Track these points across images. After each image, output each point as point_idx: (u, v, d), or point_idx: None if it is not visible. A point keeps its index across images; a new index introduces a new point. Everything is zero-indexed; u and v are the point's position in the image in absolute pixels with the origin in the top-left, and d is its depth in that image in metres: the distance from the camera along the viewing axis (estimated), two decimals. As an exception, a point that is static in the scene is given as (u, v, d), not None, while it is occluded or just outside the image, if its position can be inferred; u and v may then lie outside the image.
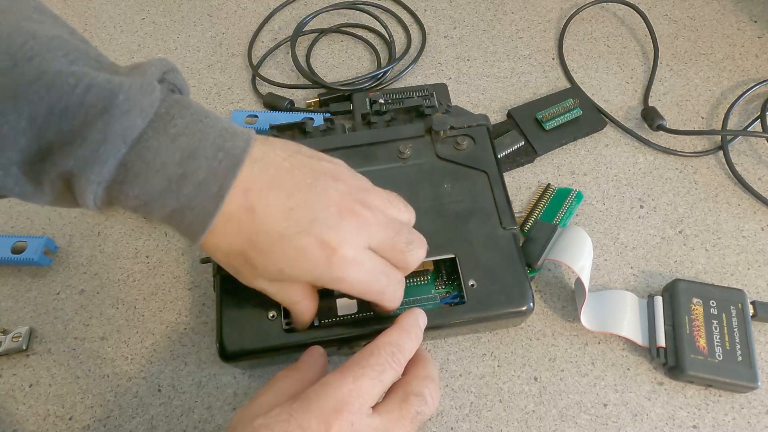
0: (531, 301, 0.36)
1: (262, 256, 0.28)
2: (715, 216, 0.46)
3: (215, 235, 0.28)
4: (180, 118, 0.27)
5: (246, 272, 0.30)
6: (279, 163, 0.29)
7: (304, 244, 0.28)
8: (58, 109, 0.24)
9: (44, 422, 0.38)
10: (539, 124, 0.49)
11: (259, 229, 0.28)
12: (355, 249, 0.29)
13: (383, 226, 0.30)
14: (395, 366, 0.29)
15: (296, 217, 0.28)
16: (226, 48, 0.58)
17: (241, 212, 0.27)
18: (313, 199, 0.29)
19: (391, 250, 0.31)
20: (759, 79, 0.53)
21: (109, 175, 0.25)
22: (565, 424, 0.37)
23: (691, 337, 0.38)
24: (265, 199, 0.28)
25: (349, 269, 0.29)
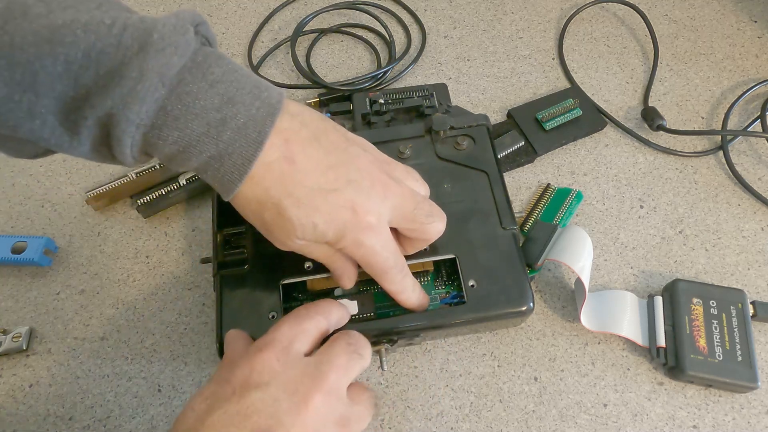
0: (531, 301, 0.36)
1: (298, 208, 0.28)
2: (715, 216, 0.46)
3: (252, 184, 0.28)
4: (217, 67, 0.26)
5: (278, 228, 0.29)
6: (315, 122, 0.29)
7: (339, 202, 0.29)
8: (95, 52, 0.24)
9: (44, 422, 0.38)
10: (539, 124, 0.49)
11: (299, 179, 0.28)
12: (378, 218, 0.30)
13: (406, 198, 0.31)
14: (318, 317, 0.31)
15: (335, 175, 0.29)
16: (226, 48, 0.58)
17: (281, 161, 0.27)
18: (348, 161, 0.30)
19: (412, 222, 0.32)
20: (759, 79, 0.53)
21: (148, 117, 0.25)
22: (565, 424, 0.37)
23: (691, 337, 0.38)
24: (305, 151, 0.28)
25: (370, 235, 0.30)
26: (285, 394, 0.27)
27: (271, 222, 0.29)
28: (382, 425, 0.38)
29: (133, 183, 0.46)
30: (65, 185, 0.49)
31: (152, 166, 0.46)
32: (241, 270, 0.37)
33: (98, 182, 0.48)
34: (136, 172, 0.46)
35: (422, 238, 0.33)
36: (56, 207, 0.47)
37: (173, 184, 0.45)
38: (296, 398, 0.27)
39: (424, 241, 0.34)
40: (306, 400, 0.27)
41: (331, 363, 0.29)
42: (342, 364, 0.29)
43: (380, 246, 0.31)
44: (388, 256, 0.31)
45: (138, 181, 0.46)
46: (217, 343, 0.35)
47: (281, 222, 0.29)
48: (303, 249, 0.31)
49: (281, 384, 0.27)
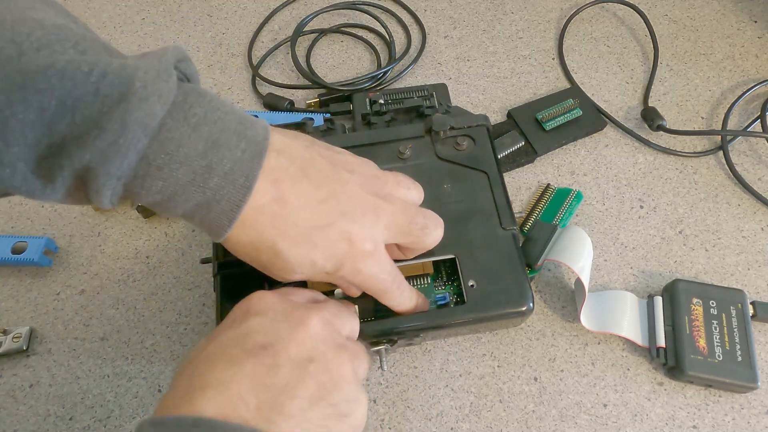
0: (531, 301, 0.36)
1: (295, 248, 0.28)
2: (715, 216, 0.46)
3: (244, 228, 0.27)
4: (198, 107, 0.26)
5: (277, 268, 0.29)
6: (300, 153, 0.29)
7: (335, 236, 0.29)
8: (71, 100, 0.23)
9: (44, 422, 0.38)
10: (539, 124, 0.49)
11: (292, 221, 0.28)
12: (374, 243, 0.30)
13: (398, 215, 0.31)
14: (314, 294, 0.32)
15: (327, 209, 0.29)
16: (226, 48, 0.58)
17: (272, 204, 0.27)
18: (339, 191, 0.29)
19: (408, 236, 0.32)
20: (759, 79, 0.53)
21: (130, 169, 0.24)
22: (565, 424, 0.37)
23: (691, 338, 0.38)
24: (295, 189, 0.28)
25: (368, 262, 0.30)
26: (283, 317, 0.27)
27: (269, 263, 0.29)
28: (382, 425, 0.38)
29: (133, 183, 0.46)
30: (65, 185, 0.49)
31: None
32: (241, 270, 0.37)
33: (98, 182, 0.48)
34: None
35: (420, 248, 0.34)
36: (56, 207, 0.47)
37: (173, 185, 0.45)
38: (294, 320, 0.27)
39: (422, 250, 0.34)
40: (304, 321, 0.27)
41: (325, 304, 0.30)
42: (335, 308, 0.30)
43: (377, 270, 0.31)
44: (385, 277, 0.31)
45: (138, 181, 0.46)
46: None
47: (279, 263, 0.29)
48: (304, 278, 0.31)
49: (279, 312, 0.28)
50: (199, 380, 0.25)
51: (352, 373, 0.27)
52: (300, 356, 0.26)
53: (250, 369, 0.25)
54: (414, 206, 0.33)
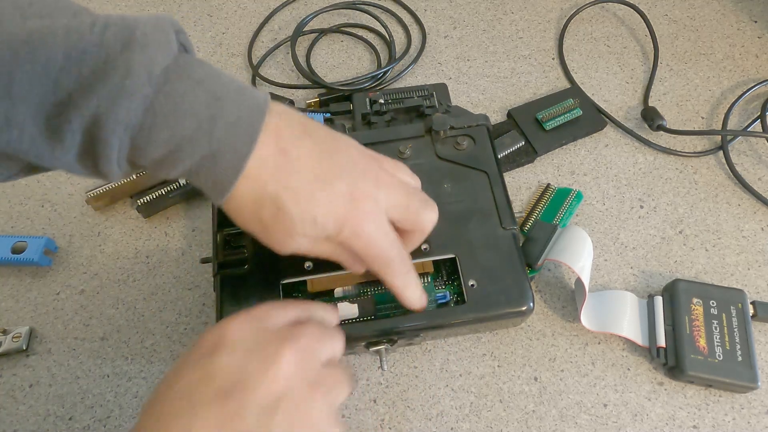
0: (531, 301, 0.36)
1: (298, 202, 0.27)
2: (715, 216, 0.46)
3: (248, 181, 0.27)
4: (200, 68, 0.26)
5: (278, 226, 0.28)
6: (301, 119, 0.29)
7: (336, 192, 0.28)
8: (77, 52, 0.23)
9: (44, 422, 0.38)
10: (539, 124, 0.49)
11: (295, 171, 0.27)
12: (376, 204, 0.29)
13: (397, 187, 0.31)
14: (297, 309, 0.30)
15: (329, 164, 0.28)
16: (226, 48, 0.58)
17: (276, 155, 0.27)
18: (340, 150, 0.29)
19: (406, 211, 0.31)
20: (759, 79, 0.53)
21: (136, 117, 0.24)
22: (565, 424, 0.37)
23: (691, 337, 0.38)
24: (297, 143, 0.28)
25: (369, 222, 0.29)
26: (254, 352, 0.26)
27: (270, 221, 0.28)
28: (382, 425, 0.38)
29: (133, 183, 0.46)
30: (65, 185, 0.49)
31: (152, 166, 0.46)
32: (241, 270, 0.37)
33: (98, 182, 0.48)
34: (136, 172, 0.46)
35: (417, 229, 0.33)
36: (56, 207, 0.47)
37: (173, 184, 0.45)
38: (265, 356, 0.26)
39: (420, 233, 0.33)
40: (276, 356, 0.26)
41: (303, 329, 0.28)
42: (315, 333, 0.28)
43: (381, 234, 0.30)
44: (389, 245, 0.30)
45: (138, 181, 0.46)
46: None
47: (281, 219, 0.28)
48: (303, 248, 0.30)
49: (251, 345, 0.26)
50: (164, 425, 0.24)
51: (324, 412, 0.26)
52: (268, 400, 0.25)
53: (215, 415, 0.24)
54: (412, 186, 0.33)
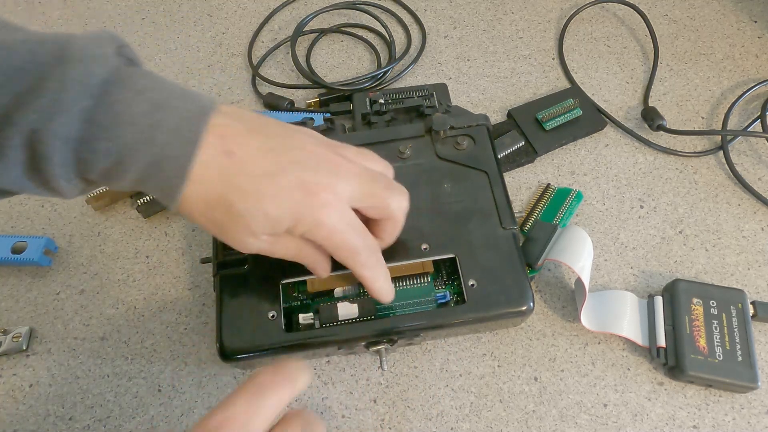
0: (531, 301, 0.36)
1: (245, 199, 0.27)
2: (715, 216, 0.46)
3: (195, 185, 0.27)
4: (143, 79, 0.26)
5: (232, 226, 0.28)
6: (252, 117, 0.29)
7: (286, 183, 0.27)
8: (10, 69, 0.23)
9: (44, 422, 0.38)
10: (539, 124, 0.49)
11: (241, 170, 0.27)
12: (334, 194, 0.29)
13: (359, 173, 0.30)
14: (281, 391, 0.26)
15: (277, 157, 0.28)
16: (226, 48, 0.58)
17: (220, 156, 0.27)
18: (292, 144, 0.29)
19: (371, 197, 0.31)
20: (759, 79, 0.53)
21: (76, 130, 0.24)
22: (565, 424, 0.37)
23: (691, 337, 0.38)
24: (243, 142, 0.27)
25: (329, 213, 0.28)
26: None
27: (223, 221, 0.28)
28: (382, 425, 0.38)
29: (133, 183, 0.46)
30: (65, 185, 0.49)
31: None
32: (241, 270, 0.37)
33: (98, 182, 0.48)
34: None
35: (388, 217, 0.32)
36: (56, 207, 0.47)
37: (173, 184, 0.45)
38: None
39: (392, 221, 0.32)
40: None
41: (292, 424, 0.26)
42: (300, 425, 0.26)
43: (343, 223, 0.29)
44: (353, 234, 0.30)
45: (138, 181, 0.46)
46: (217, 343, 0.35)
47: (233, 218, 0.28)
48: (266, 247, 0.30)
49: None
50: None
51: None
52: None
53: None
54: (377, 172, 0.32)
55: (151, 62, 0.57)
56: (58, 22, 0.60)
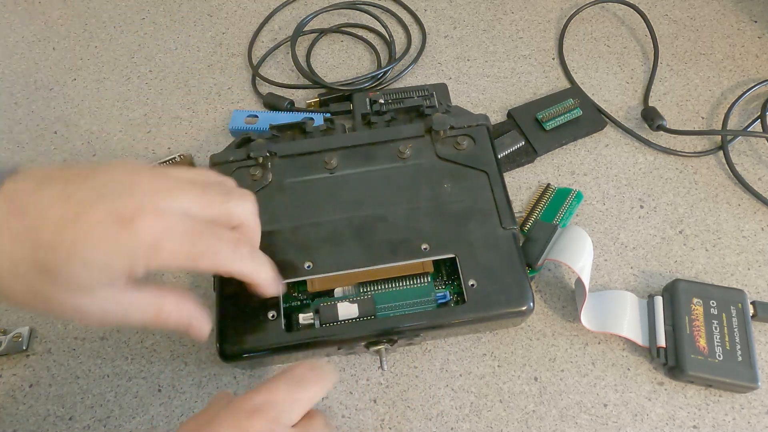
0: (531, 301, 0.36)
1: (55, 253, 0.23)
2: (715, 216, 0.46)
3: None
4: None
5: (56, 291, 0.24)
6: (48, 169, 0.26)
7: (95, 220, 0.24)
8: None
9: (44, 422, 0.38)
10: (539, 124, 0.49)
11: (38, 225, 0.23)
12: (158, 212, 0.25)
13: (186, 185, 0.27)
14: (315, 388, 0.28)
15: (77, 199, 0.24)
16: (226, 48, 0.58)
17: (9, 219, 0.23)
18: (93, 182, 0.25)
19: (209, 207, 0.27)
20: (759, 79, 0.53)
21: None
22: (565, 424, 0.37)
23: (691, 337, 0.38)
24: (36, 196, 0.24)
25: (160, 235, 0.24)
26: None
27: (43, 289, 0.24)
28: (382, 425, 0.38)
29: (133, 183, 0.46)
30: (65, 185, 0.49)
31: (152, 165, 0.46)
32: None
33: (98, 182, 0.48)
34: (136, 172, 0.46)
35: (236, 224, 0.29)
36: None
37: (173, 184, 0.45)
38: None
39: (245, 227, 0.29)
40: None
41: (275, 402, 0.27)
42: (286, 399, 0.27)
43: (180, 236, 0.25)
44: (201, 238, 0.26)
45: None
46: (217, 343, 0.35)
47: (51, 280, 0.24)
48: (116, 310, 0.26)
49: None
50: None
51: None
52: None
53: None
54: (210, 181, 0.29)
55: (151, 62, 0.57)
56: (58, 22, 0.60)
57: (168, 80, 0.55)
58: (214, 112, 0.53)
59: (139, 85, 0.55)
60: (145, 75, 0.56)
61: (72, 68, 0.57)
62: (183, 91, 0.54)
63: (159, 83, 0.55)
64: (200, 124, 0.52)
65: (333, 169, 0.41)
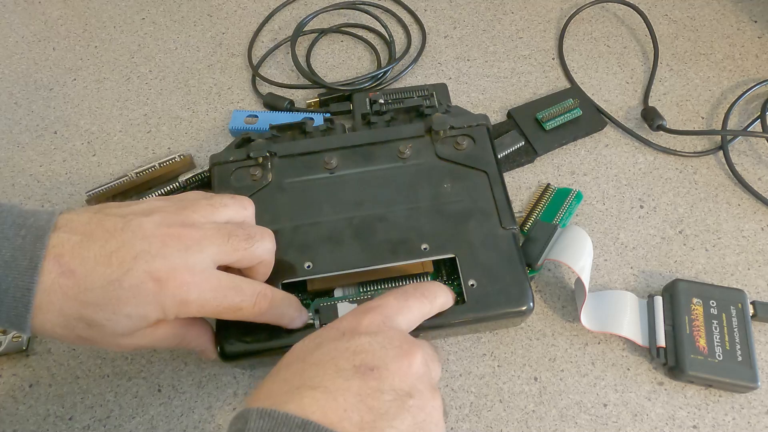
0: (531, 301, 0.36)
1: (101, 311, 0.27)
2: (715, 216, 0.46)
3: (43, 313, 0.27)
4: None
5: (101, 337, 0.29)
6: (84, 222, 0.29)
7: (135, 282, 0.27)
8: None
9: (44, 422, 0.38)
10: (539, 124, 0.49)
11: (86, 286, 0.27)
12: (189, 270, 0.29)
13: (213, 235, 0.30)
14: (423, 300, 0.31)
15: (118, 260, 0.28)
16: (226, 48, 0.58)
17: (60, 279, 0.27)
18: (130, 238, 0.28)
19: (234, 252, 0.31)
20: (759, 79, 0.53)
21: None
22: (565, 424, 0.37)
23: (691, 337, 0.38)
24: (80, 256, 0.27)
25: (190, 291, 0.29)
26: (391, 345, 0.27)
27: (90, 335, 0.28)
28: (382, 425, 0.38)
29: (133, 183, 0.46)
30: (65, 185, 0.49)
31: (152, 165, 0.46)
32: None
33: (98, 182, 0.48)
34: (136, 172, 0.46)
35: (257, 263, 0.33)
36: (56, 207, 0.47)
37: (173, 184, 0.45)
38: (401, 351, 0.27)
39: (263, 265, 0.33)
40: (410, 354, 0.27)
41: (425, 343, 0.29)
42: (431, 351, 0.29)
43: (209, 292, 0.29)
44: (226, 295, 0.30)
45: (138, 181, 0.46)
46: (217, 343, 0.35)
47: (97, 330, 0.28)
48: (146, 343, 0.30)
49: (387, 337, 0.27)
50: (309, 381, 0.25)
51: (442, 418, 0.27)
52: (402, 388, 0.26)
53: (357, 386, 0.25)
54: (232, 224, 0.32)
55: (152, 62, 0.57)
56: (58, 22, 0.60)
57: (168, 80, 0.55)
58: (214, 112, 0.53)
59: (139, 85, 0.55)
60: (145, 75, 0.56)
61: (72, 68, 0.57)
62: (183, 91, 0.54)
63: (159, 83, 0.55)
64: (200, 124, 0.52)
65: (333, 169, 0.41)
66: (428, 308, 0.31)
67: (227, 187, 0.40)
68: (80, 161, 0.50)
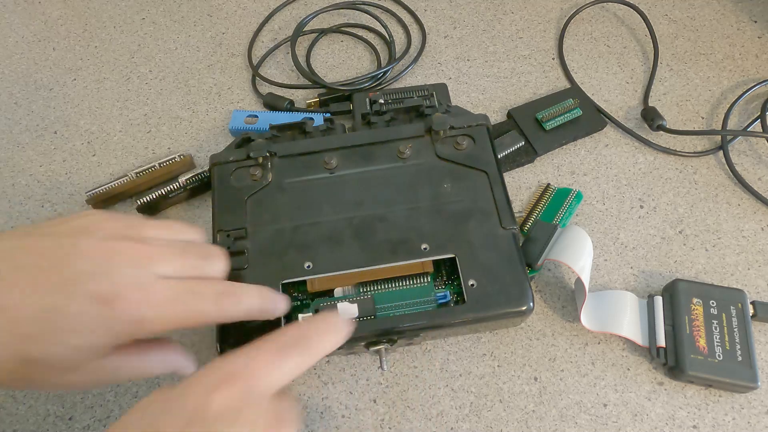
0: (531, 301, 0.36)
1: (41, 345, 0.24)
2: (715, 216, 0.46)
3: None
4: None
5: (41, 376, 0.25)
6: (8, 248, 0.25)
7: (77, 310, 0.24)
8: None
9: (44, 422, 0.38)
10: (539, 124, 0.49)
11: (20, 319, 0.23)
12: (137, 287, 0.25)
13: (165, 252, 0.27)
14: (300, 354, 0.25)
15: (56, 283, 0.24)
16: (226, 48, 0.58)
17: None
18: (66, 256, 0.25)
19: (192, 270, 0.27)
20: (759, 79, 0.53)
21: None
22: (565, 424, 0.37)
23: (691, 337, 0.38)
24: (9, 289, 0.24)
25: (142, 308, 0.25)
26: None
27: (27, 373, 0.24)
28: (382, 425, 0.38)
29: (133, 183, 0.46)
30: (65, 185, 0.49)
31: (152, 165, 0.46)
32: (241, 270, 0.37)
33: (98, 182, 0.48)
34: (136, 172, 0.46)
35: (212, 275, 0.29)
36: (56, 207, 0.47)
37: (173, 184, 0.45)
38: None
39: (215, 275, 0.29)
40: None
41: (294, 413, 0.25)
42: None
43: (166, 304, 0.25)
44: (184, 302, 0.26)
45: (138, 181, 0.46)
46: (217, 343, 0.35)
47: (42, 369, 0.24)
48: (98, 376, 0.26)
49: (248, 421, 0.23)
50: None
51: None
52: None
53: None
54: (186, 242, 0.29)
55: (152, 62, 0.57)
56: (58, 22, 0.60)
57: (168, 80, 0.55)
58: (214, 112, 0.53)
59: (139, 85, 0.55)
60: (145, 75, 0.56)
61: (72, 68, 0.57)
62: (183, 91, 0.55)
63: (159, 83, 0.55)
64: (200, 124, 0.52)
65: (333, 169, 0.41)
66: (311, 360, 0.26)
67: (227, 186, 0.40)
68: (80, 161, 0.50)
